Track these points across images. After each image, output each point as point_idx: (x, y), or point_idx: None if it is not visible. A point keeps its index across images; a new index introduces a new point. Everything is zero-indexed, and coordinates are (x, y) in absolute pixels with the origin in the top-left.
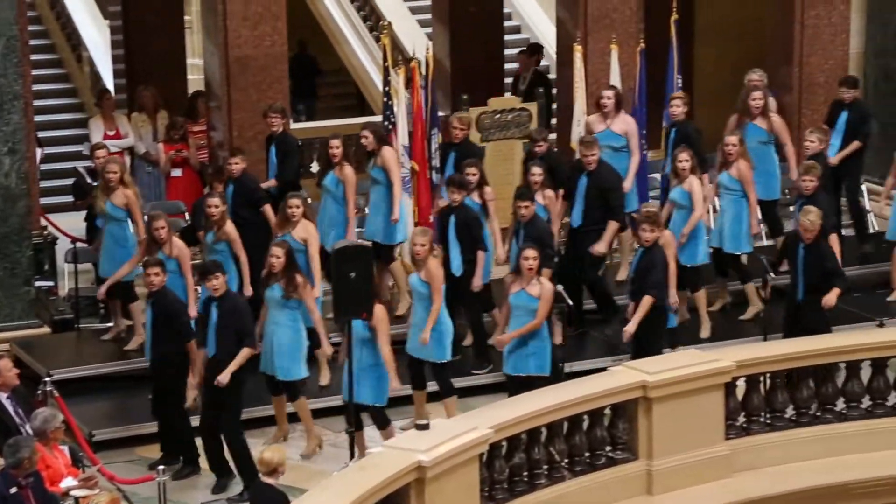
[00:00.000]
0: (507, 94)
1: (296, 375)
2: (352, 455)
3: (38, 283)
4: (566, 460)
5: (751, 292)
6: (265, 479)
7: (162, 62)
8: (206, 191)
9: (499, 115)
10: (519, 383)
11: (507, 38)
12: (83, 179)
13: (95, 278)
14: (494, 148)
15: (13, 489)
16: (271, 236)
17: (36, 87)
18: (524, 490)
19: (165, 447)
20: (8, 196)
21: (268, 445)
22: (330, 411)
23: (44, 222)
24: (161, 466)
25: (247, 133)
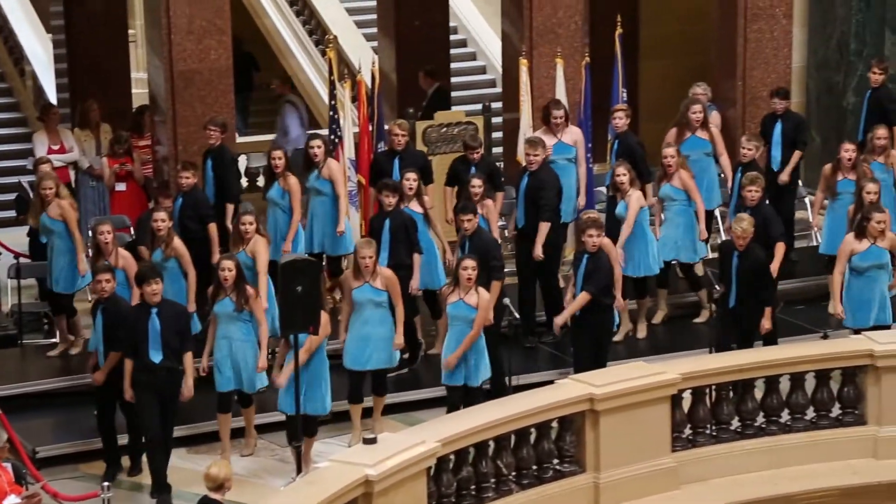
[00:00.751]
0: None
1: (261, 384)
2: (298, 470)
3: None
4: (514, 473)
5: (703, 297)
6: (212, 494)
7: (106, 76)
8: (151, 205)
9: (445, 129)
10: (458, 393)
11: (452, 51)
12: (27, 194)
13: (39, 293)
14: (441, 162)
15: None
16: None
17: None
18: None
19: (110, 459)
20: None
21: (215, 461)
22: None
23: None
24: (105, 483)
25: (192, 147)
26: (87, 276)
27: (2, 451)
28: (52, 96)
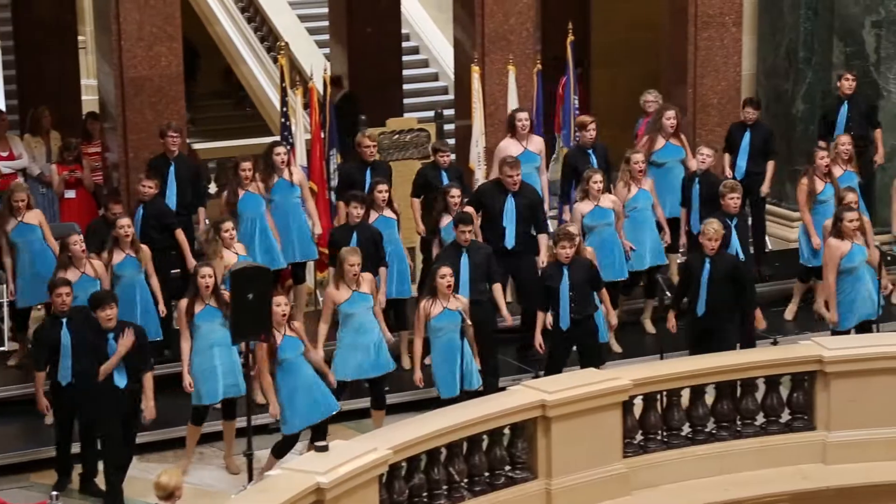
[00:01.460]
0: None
1: (243, 390)
2: (250, 478)
3: None
4: (466, 480)
5: (650, 305)
6: (162, 503)
7: (56, 83)
8: (101, 212)
9: (397, 136)
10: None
11: (405, 58)
12: None
13: None
14: (393, 168)
15: None
16: (179, 259)
17: None
18: None
19: (61, 469)
20: None
21: (165, 470)
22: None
23: None
24: (55, 493)
25: (142, 154)
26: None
27: None
28: (1, 103)
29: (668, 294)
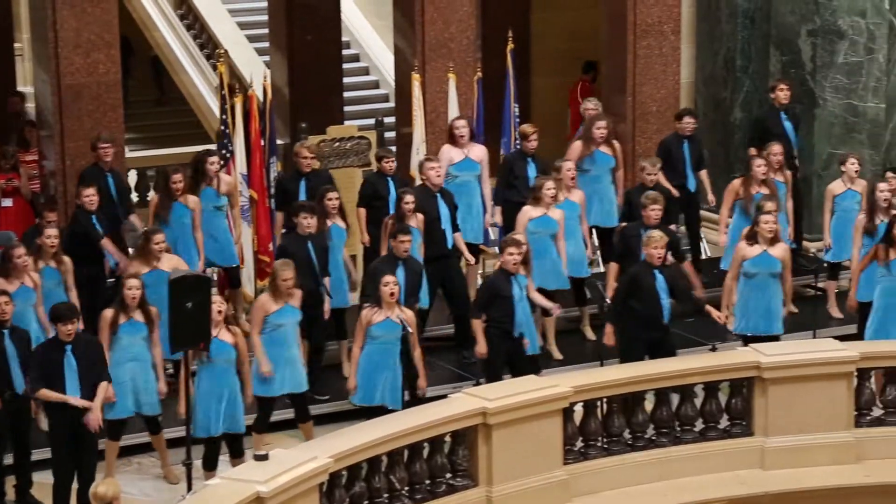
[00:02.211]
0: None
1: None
2: (189, 487)
3: None
4: (407, 488)
5: (586, 312)
6: None
7: None
8: (37, 221)
9: (338, 144)
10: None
11: (345, 66)
12: None
13: None
14: (334, 176)
15: None
16: (103, 271)
17: None
18: None
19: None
20: None
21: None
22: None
23: None
24: None
25: (80, 162)
26: None
27: None
28: None
29: (608, 300)
